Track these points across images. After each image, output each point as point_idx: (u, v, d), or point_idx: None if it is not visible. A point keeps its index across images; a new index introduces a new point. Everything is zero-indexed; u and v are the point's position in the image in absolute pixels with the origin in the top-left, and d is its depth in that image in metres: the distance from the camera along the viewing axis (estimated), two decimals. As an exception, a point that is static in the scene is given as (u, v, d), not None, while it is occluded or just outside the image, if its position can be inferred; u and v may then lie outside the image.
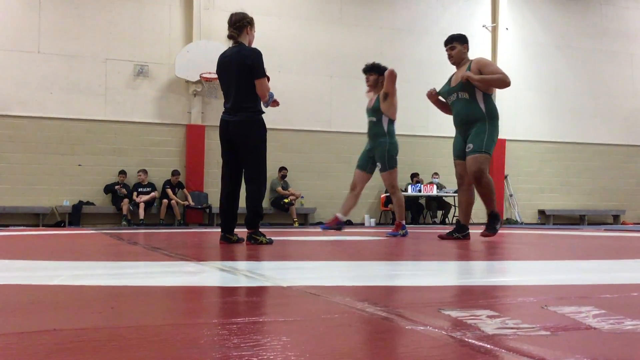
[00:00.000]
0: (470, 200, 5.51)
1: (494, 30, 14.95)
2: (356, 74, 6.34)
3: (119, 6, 12.36)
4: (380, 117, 6.08)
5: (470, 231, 5.63)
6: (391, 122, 6.11)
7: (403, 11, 14.34)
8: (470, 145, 5.29)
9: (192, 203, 12.38)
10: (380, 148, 6.08)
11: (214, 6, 12.77)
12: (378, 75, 6.18)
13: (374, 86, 6.18)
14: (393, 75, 6.09)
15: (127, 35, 12.38)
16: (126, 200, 11.80)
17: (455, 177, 5.63)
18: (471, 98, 5.29)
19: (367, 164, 6.29)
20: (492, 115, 5.30)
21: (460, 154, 5.47)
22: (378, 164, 6.15)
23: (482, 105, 5.28)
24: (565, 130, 15.45)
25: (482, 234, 5.42)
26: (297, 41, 13.39)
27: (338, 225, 6.24)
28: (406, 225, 6.59)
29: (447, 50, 5.58)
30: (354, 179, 6.34)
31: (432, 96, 5.67)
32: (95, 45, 12.17)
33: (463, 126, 5.41)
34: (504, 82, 5.28)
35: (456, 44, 5.52)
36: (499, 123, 5.46)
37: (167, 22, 12.69)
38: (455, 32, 5.71)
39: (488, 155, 5.27)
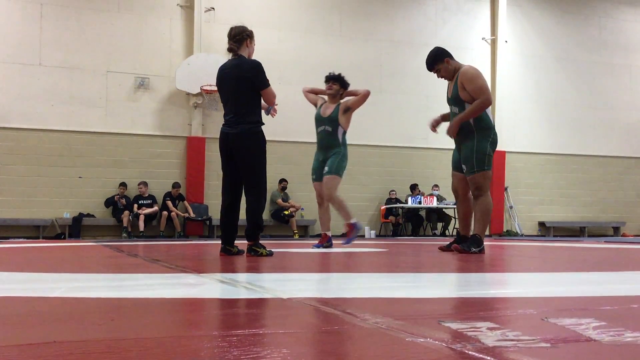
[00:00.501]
0: (469, 211, 5.47)
1: (493, 43, 15.01)
2: (356, 86, 6.27)
3: (120, 19, 12.43)
4: (337, 127, 6.08)
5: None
6: (344, 132, 6.15)
7: (402, 24, 14.41)
8: (463, 167, 5.26)
9: (192, 215, 12.38)
10: (335, 156, 6.08)
11: (215, 19, 12.83)
12: (340, 87, 6.19)
13: (333, 96, 6.19)
14: (367, 97, 6.13)
15: (128, 47, 12.43)
16: (127, 212, 11.80)
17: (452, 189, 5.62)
18: (461, 112, 5.23)
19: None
20: (481, 128, 5.18)
21: (456, 165, 5.43)
22: (326, 167, 6.10)
23: (471, 120, 5.21)
24: (565, 142, 15.48)
25: (454, 247, 5.27)
26: (297, 53, 13.45)
27: (329, 242, 6.25)
28: (356, 222, 6.32)
29: (435, 74, 5.47)
30: (318, 192, 6.28)
31: (437, 123, 5.62)
32: (96, 57, 12.22)
33: (455, 137, 5.38)
34: (483, 107, 5.12)
35: (438, 66, 5.35)
36: (496, 133, 5.34)
37: (167, 35, 12.75)
38: (444, 48, 5.44)
39: (484, 172, 5.16)
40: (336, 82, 6.16)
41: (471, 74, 5.19)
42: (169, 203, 12.21)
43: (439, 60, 5.34)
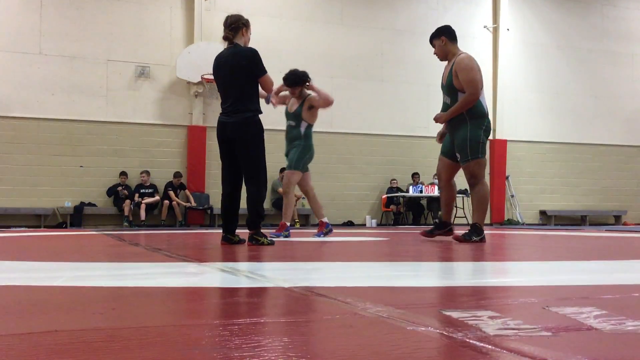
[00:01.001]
0: (452, 198, 5.50)
1: (495, 31, 14.95)
2: (357, 75, 6.28)
3: (120, 7, 12.38)
4: (300, 122, 6.20)
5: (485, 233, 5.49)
6: (309, 126, 6.22)
7: (404, 12, 14.34)
8: (458, 155, 5.24)
9: (193, 204, 12.40)
10: (294, 150, 6.16)
11: (215, 7, 12.78)
12: (300, 87, 6.24)
13: (298, 96, 6.25)
14: (329, 105, 6.28)
15: (128, 36, 12.39)
16: (128, 201, 11.82)
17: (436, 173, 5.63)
18: (452, 103, 5.19)
19: None
20: (474, 116, 5.13)
21: (445, 150, 5.42)
22: (287, 162, 6.20)
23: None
24: (566, 131, 15.45)
25: (454, 237, 5.26)
26: (298, 42, 13.39)
27: (327, 228, 6.27)
28: (289, 229, 6.31)
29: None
30: (300, 184, 6.34)
31: (443, 135, 5.56)
32: (97, 46, 12.19)
33: (447, 124, 5.36)
34: (470, 101, 5.08)
35: (434, 41, 5.40)
36: (490, 120, 5.30)
37: (168, 24, 12.70)
38: (449, 28, 5.44)
39: (478, 160, 5.13)
40: (295, 87, 6.19)
41: (465, 65, 5.14)
42: (171, 192, 12.23)
43: (436, 36, 5.40)
